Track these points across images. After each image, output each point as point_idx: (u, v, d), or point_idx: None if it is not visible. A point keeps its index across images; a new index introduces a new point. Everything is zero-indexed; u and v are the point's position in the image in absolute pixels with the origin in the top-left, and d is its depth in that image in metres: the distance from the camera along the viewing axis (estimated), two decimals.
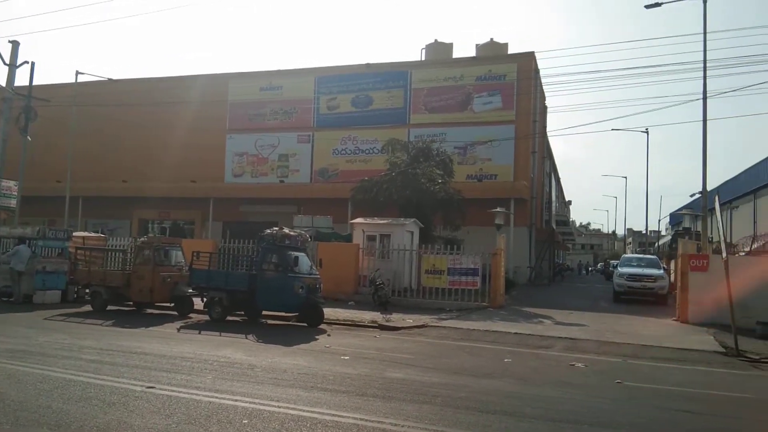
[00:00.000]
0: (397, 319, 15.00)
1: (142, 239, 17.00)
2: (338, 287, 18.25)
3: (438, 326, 14.23)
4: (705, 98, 19.07)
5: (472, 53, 33.85)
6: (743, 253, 25.15)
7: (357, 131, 33.07)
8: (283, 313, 14.44)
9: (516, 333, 13.38)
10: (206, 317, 14.42)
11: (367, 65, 33.45)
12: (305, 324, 13.78)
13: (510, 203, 26.99)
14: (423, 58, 34.52)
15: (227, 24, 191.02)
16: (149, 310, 15.92)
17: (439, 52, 33.97)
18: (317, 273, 14.72)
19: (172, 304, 15.57)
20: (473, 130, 30.59)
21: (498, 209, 21.60)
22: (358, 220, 21.60)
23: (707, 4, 19.11)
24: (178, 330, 12.79)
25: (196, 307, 15.22)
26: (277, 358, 9.71)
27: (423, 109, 32.06)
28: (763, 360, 11.13)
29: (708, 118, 19.23)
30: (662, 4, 19.28)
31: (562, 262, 59.74)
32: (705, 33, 19.03)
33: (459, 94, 31.52)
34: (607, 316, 17.91)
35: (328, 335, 12.53)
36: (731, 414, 7.34)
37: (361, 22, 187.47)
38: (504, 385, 8.28)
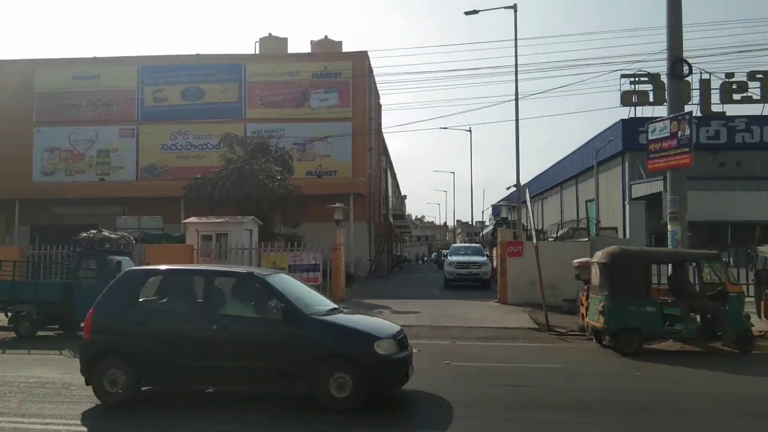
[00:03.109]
0: None
1: None
2: None
3: None
4: (517, 99, 21.15)
5: (307, 49, 33.87)
6: (552, 239, 28.36)
7: (189, 125, 31.33)
8: None
9: None
10: (12, 334, 12.67)
11: (197, 56, 31.82)
12: None
13: (349, 199, 27.50)
14: (257, 52, 33.73)
15: (29, 5, 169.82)
16: None
17: (273, 46, 33.44)
18: None
19: None
20: (311, 126, 30.63)
21: (337, 205, 21.91)
22: (192, 219, 20.51)
23: (518, 14, 21.17)
24: None
25: None
26: None
27: (259, 103, 31.35)
28: (569, 333, 12.63)
29: (520, 118, 21.35)
30: (479, 11, 21.02)
31: (400, 254, 62.47)
32: (516, 39, 21.09)
33: (296, 90, 31.34)
34: (439, 302, 19.05)
35: None
36: (544, 384, 8.19)
37: (187, 12, 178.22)
38: None
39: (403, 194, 70.08)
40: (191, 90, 31.51)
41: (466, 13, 21.22)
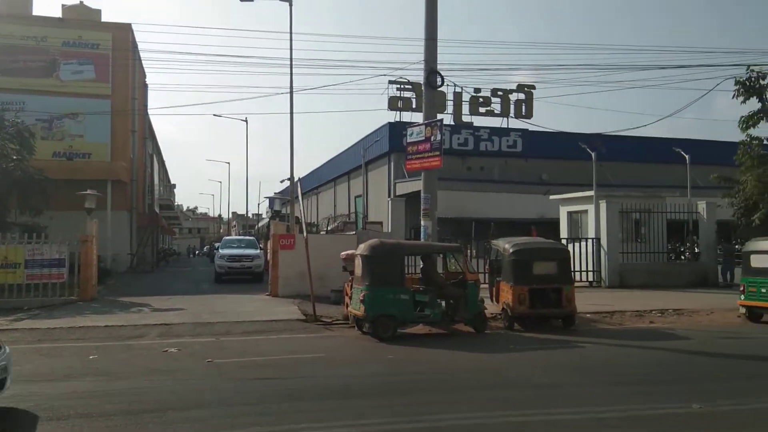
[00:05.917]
0: None
1: None
2: None
3: (9, 329, 12.02)
4: (291, 92, 21.25)
5: (58, 14, 29.63)
6: (324, 232, 29.26)
7: None
8: None
9: (107, 326, 12.36)
10: None
11: None
12: None
13: (107, 185, 24.85)
14: None
15: None
16: None
17: (13, 5, 28.47)
18: None
19: None
20: (61, 100, 26.84)
21: (88, 191, 19.63)
22: None
23: (293, 7, 21.26)
24: None
25: None
26: None
27: None
28: (334, 322, 13.10)
29: (295, 112, 21.51)
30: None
31: (169, 247, 58.64)
32: (291, 33, 21.21)
33: (42, 58, 27.16)
34: (207, 297, 18.29)
35: None
36: (304, 373, 8.32)
37: None
38: (84, 385, 7.49)
39: (172, 183, 65.99)
40: None
41: (241, 0, 20.62)
